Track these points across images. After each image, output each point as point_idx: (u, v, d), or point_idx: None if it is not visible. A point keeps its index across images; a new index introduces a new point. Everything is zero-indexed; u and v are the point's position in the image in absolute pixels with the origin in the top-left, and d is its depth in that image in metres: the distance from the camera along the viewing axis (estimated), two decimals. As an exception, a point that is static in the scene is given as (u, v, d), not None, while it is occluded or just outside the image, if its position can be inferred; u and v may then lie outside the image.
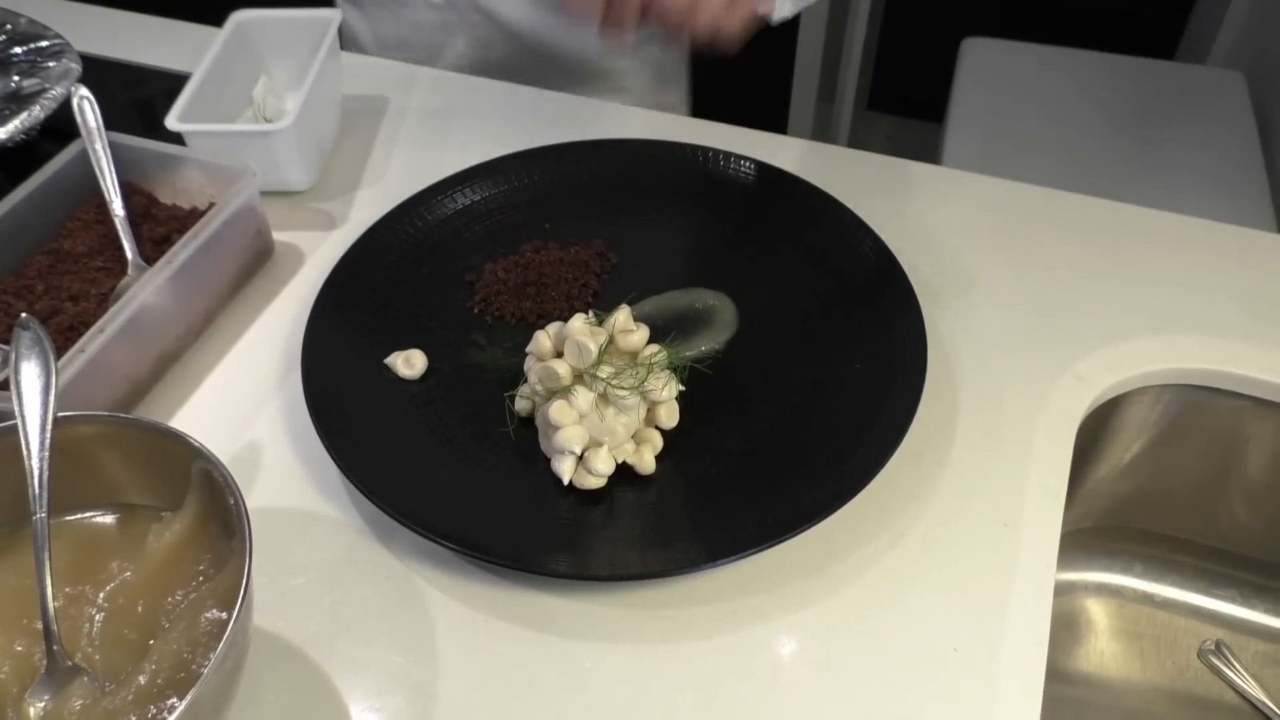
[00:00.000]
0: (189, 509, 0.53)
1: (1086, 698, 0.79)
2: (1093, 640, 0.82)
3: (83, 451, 0.53)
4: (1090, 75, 1.71)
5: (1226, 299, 0.76)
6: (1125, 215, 0.83)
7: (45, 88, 0.90)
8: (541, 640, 0.57)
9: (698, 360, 0.69)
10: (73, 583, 0.52)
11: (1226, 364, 0.72)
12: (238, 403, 0.70)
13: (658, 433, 0.64)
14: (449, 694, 0.55)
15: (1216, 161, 1.54)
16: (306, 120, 0.82)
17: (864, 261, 0.75)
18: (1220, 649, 0.80)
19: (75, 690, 0.48)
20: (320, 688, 0.55)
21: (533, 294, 0.75)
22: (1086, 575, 0.84)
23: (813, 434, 0.65)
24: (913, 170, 0.88)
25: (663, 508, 0.62)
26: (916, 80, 2.33)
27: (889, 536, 0.62)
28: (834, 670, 0.56)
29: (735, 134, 0.92)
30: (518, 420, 0.66)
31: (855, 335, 0.70)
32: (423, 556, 0.61)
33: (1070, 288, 0.77)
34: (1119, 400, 0.72)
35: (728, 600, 0.59)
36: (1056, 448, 0.66)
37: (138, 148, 0.78)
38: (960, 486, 0.64)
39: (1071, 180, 0.88)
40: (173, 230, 0.76)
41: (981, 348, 0.72)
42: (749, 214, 0.80)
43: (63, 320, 0.70)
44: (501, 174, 0.83)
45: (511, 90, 0.98)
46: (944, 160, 1.58)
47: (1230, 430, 0.75)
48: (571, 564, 0.58)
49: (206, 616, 0.49)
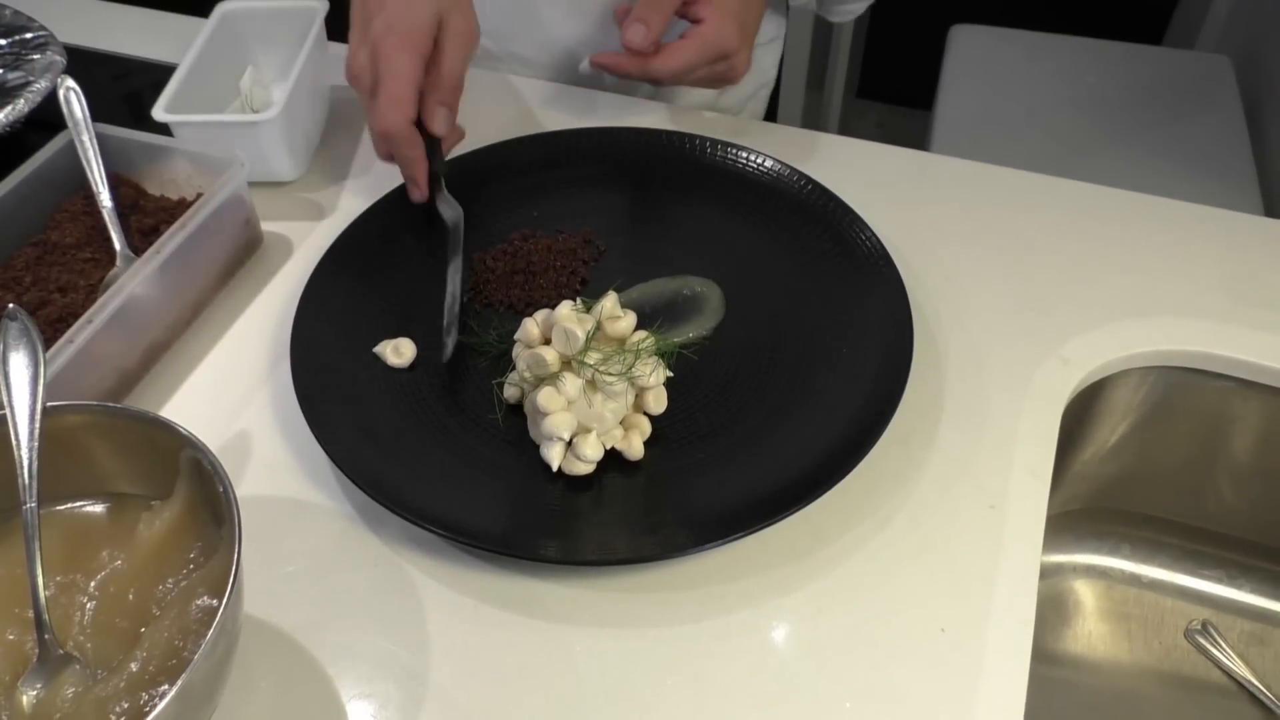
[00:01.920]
0: (179, 497, 0.53)
1: (1075, 678, 0.80)
2: (1081, 621, 0.82)
3: (72, 441, 0.53)
4: (1078, 61, 1.71)
5: (1212, 282, 0.76)
6: (1112, 199, 0.83)
7: (30, 80, 0.90)
8: (531, 625, 0.58)
9: (685, 346, 0.70)
10: (64, 572, 0.52)
11: (1212, 346, 0.72)
12: (227, 392, 0.70)
13: (646, 418, 0.65)
14: (439, 679, 0.55)
15: (1204, 146, 1.55)
16: (294, 110, 0.82)
17: (852, 247, 0.75)
18: (1207, 629, 0.81)
19: (67, 678, 0.48)
20: (311, 674, 0.56)
21: (521, 282, 0.75)
22: (1075, 557, 0.85)
23: (800, 418, 0.65)
24: (901, 156, 0.88)
25: (651, 493, 0.62)
26: (905, 67, 2.33)
27: (876, 519, 0.62)
28: (822, 652, 0.56)
29: (724, 121, 0.92)
30: (506, 407, 0.66)
31: (842, 320, 0.71)
32: (412, 543, 0.61)
33: (1056, 271, 0.77)
34: (1105, 382, 0.73)
35: (716, 584, 0.59)
36: (1042, 430, 0.66)
37: (125, 139, 0.78)
38: (947, 469, 0.64)
39: (1059, 165, 0.88)
40: (161, 221, 0.76)
41: (968, 331, 0.73)
42: (737, 201, 0.80)
43: (51, 311, 0.70)
44: (489, 162, 0.83)
45: (500, 79, 0.98)
46: (933, 146, 1.58)
47: (1216, 411, 0.75)
48: (560, 549, 0.58)
49: (197, 604, 0.49)
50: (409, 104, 0.71)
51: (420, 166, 0.75)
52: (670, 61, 0.79)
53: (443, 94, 0.73)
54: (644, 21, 0.78)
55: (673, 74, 0.80)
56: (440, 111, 0.73)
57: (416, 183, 0.76)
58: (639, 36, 0.78)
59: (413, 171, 0.75)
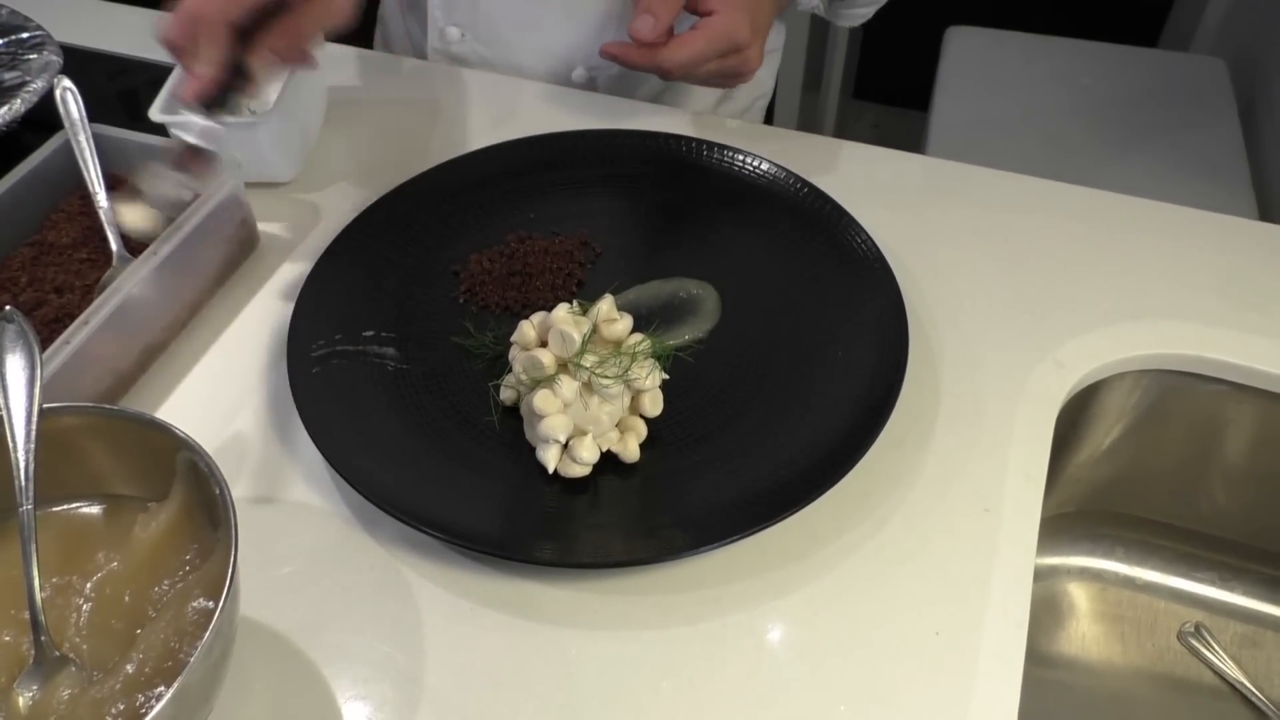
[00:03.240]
0: (175, 499, 0.53)
1: (1068, 680, 0.80)
2: (1074, 624, 0.83)
3: (68, 443, 0.53)
4: (1073, 63, 1.72)
5: (1206, 285, 0.76)
6: (1107, 202, 0.84)
7: (26, 80, 0.90)
8: (527, 627, 0.58)
9: (681, 349, 0.70)
10: (60, 573, 0.52)
11: (1206, 349, 0.72)
12: (223, 393, 0.70)
13: (642, 421, 0.65)
14: (435, 681, 0.56)
15: (1198, 148, 1.55)
16: (290, 111, 0.82)
17: (847, 250, 0.75)
18: (1200, 631, 0.81)
19: (63, 680, 0.48)
20: (307, 676, 0.56)
21: (517, 284, 0.75)
22: (1069, 559, 0.85)
23: (795, 421, 0.65)
24: (896, 159, 0.88)
25: (647, 495, 0.62)
26: (901, 69, 2.33)
27: (871, 522, 0.62)
28: (817, 654, 0.56)
29: (720, 124, 0.92)
30: (502, 410, 0.67)
31: (837, 322, 0.71)
32: (408, 545, 0.61)
33: (1051, 274, 0.77)
34: (1099, 385, 0.73)
35: (711, 586, 0.59)
36: (1037, 433, 0.67)
37: (121, 139, 0.78)
38: (941, 472, 0.65)
39: (1054, 168, 0.89)
40: (157, 222, 0.76)
41: (963, 334, 0.73)
42: (733, 204, 0.80)
43: (47, 312, 0.70)
44: (486, 164, 0.83)
45: (495, 80, 0.98)
46: (928, 148, 1.59)
47: (1209, 415, 0.76)
48: (557, 552, 0.58)
49: (193, 606, 0.49)
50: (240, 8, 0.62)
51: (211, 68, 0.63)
52: (680, 52, 0.78)
53: (278, 38, 0.64)
54: (651, 12, 0.77)
55: (682, 65, 0.79)
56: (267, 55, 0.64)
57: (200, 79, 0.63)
58: (646, 27, 0.77)
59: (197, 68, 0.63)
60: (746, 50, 0.80)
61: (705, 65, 0.80)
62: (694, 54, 0.78)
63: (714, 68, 0.80)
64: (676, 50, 0.78)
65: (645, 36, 0.77)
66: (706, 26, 0.79)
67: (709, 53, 0.79)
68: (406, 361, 0.70)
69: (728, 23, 0.78)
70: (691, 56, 0.78)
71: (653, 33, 0.77)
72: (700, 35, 0.78)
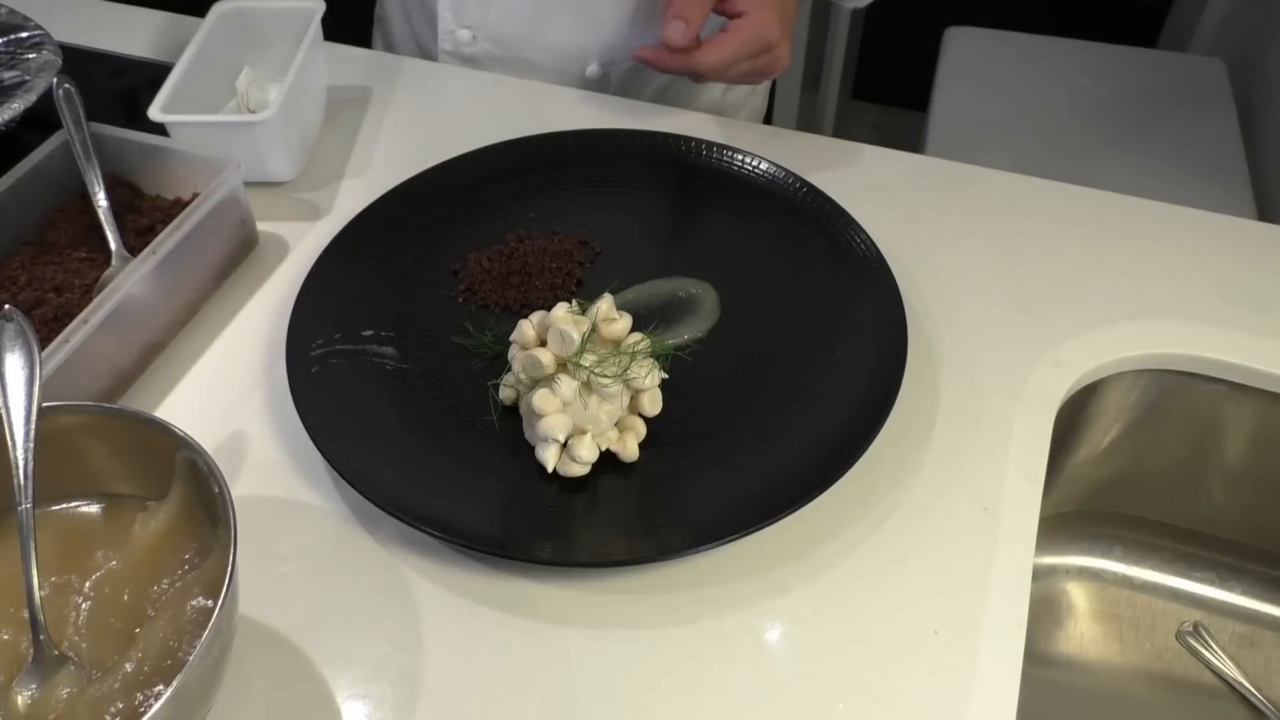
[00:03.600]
0: (174, 498, 0.53)
1: (1067, 679, 0.80)
2: (1073, 623, 0.83)
3: (67, 442, 0.53)
4: (1072, 63, 1.72)
5: (1205, 285, 0.77)
6: (1106, 202, 0.84)
7: (26, 79, 0.90)
8: (526, 626, 0.58)
9: (680, 348, 0.70)
10: (59, 572, 0.52)
11: (1204, 349, 0.72)
12: (222, 392, 0.70)
13: (641, 420, 0.65)
14: (434, 680, 0.56)
15: (1197, 148, 1.55)
16: (290, 111, 0.82)
17: (846, 249, 0.75)
18: (1198, 630, 0.81)
19: (62, 679, 0.48)
20: (306, 675, 0.56)
21: (517, 283, 0.75)
22: (1067, 559, 0.85)
23: (794, 420, 0.65)
24: (895, 159, 0.88)
25: (646, 494, 0.62)
26: (900, 69, 2.33)
27: (870, 521, 0.62)
28: (816, 653, 0.56)
29: (719, 124, 0.92)
30: (502, 409, 0.67)
31: (837, 322, 0.71)
32: (408, 544, 0.61)
33: (1050, 274, 0.77)
34: (1098, 385, 0.73)
35: (711, 585, 0.59)
36: (1036, 432, 0.67)
37: (120, 139, 0.78)
38: (940, 471, 0.65)
39: (1053, 168, 0.89)
40: (156, 221, 0.76)
41: (962, 333, 0.73)
42: (732, 204, 0.80)
43: (46, 311, 0.70)
44: (485, 164, 0.83)
45: (495, 80, 0.98)
46: (927, 148, 1.59)
47: (1208, 414, 0.76)
48: (556, 551, 0.58)
49: (192, 605, 0.49)
50: None
51: None
52: (713, 55, 0.79)
53: None
54: (683, 18, 0.78)
55: (715, 68, 0.79)
56: None
57: None
58: (678, 33, 0.78)
59: None
60: (776, 49, 0.81)
61: (737, 66, 0.80)
62: (727, 56, 0.79)
63: (745, 68, 0.81)
64: (710, 53, 0.79)
65: (678, 43, 0.78)
66: (738, 28, 0.80)
67: (741, 54, 0.80)
68: (406, 361, 0.70)
69: (758, 23, 0.79)
70: (725, 59, 0.79)
71: (685, 38, 0.78)
72: (733, 37, 0.79)
